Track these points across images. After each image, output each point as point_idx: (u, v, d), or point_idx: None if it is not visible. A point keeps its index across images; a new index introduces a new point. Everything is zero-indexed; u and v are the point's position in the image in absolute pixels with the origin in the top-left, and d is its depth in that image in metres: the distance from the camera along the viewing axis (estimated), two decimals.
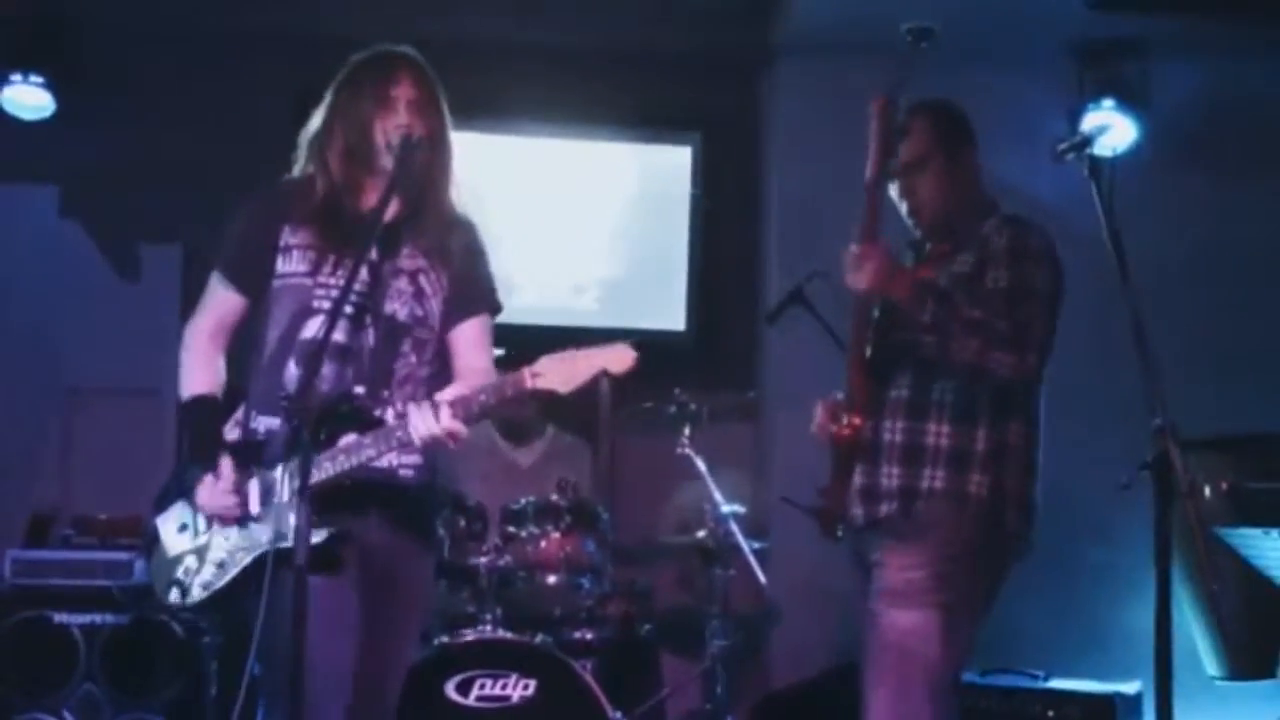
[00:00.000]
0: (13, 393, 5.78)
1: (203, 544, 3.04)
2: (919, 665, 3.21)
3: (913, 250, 3.57)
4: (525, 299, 5.82)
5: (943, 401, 3.31)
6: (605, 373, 2.82)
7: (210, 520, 3.03)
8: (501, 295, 3.28)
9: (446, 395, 2.90)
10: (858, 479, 3.35)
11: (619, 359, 2.83)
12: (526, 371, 2.82)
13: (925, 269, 3.42)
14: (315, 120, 3.19)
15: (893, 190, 3.48)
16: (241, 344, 3.22)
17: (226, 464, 2.99)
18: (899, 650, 3.22)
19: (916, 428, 3.31)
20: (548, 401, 2.89)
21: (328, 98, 3.18)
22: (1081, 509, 4.58)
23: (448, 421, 2.85)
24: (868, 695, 3.27)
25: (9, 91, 5.60)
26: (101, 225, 5.91)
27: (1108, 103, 5.59)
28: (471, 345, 3.19)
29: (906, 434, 3.32)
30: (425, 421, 2.85)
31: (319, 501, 2.79)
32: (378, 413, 3.02)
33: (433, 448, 2.92)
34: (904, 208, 3.49)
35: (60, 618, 4.88)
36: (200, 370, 3.15)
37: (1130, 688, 4.65)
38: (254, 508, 2.99)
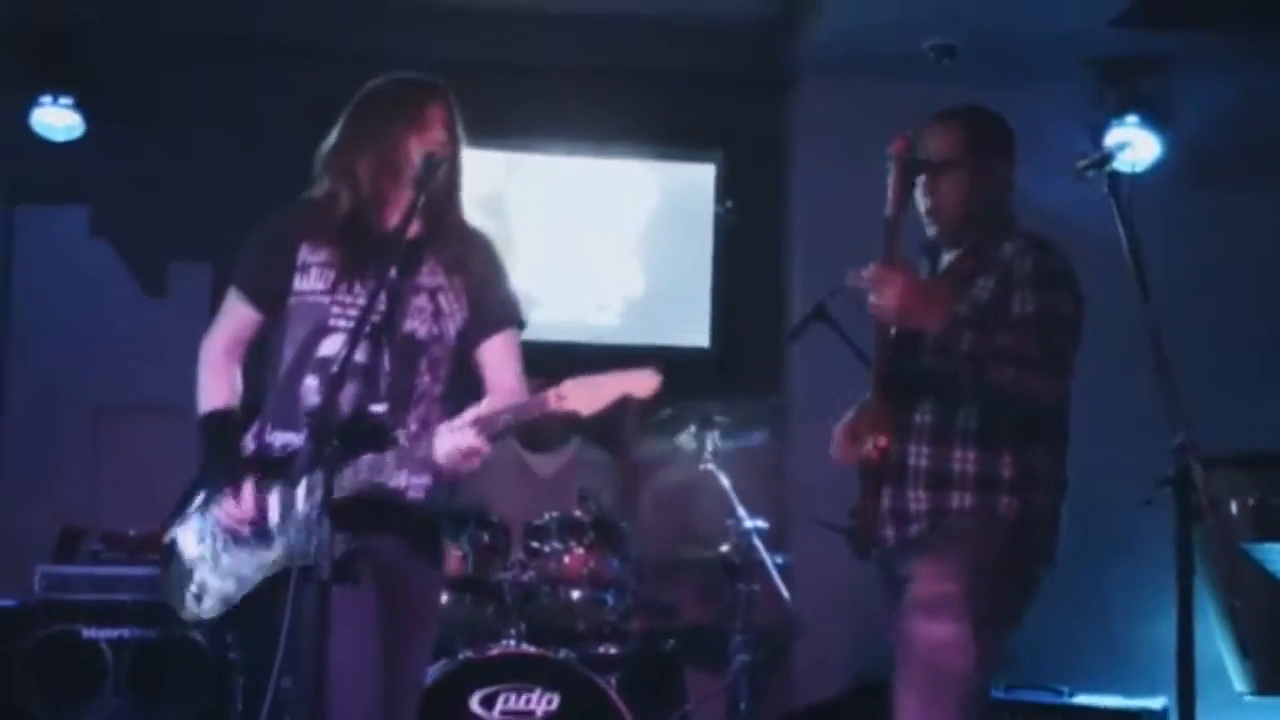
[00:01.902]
0: (43, 409, 5.84)
1: (220, 557, 3.06)
2: (951, 678, 3.18)
3: (927, 258, 3.57)
4: (549, 316, 5.85)
5: (967, 428, 3.28)
6: (629, 397, 2.83)
7: (228, 534, 3.05)
8: (524, 311, 3.30)
9: (468, 415, 2.89)
10: (886, 501, 3.33)
11: (642, 384, 2.82)
12: (551, 393, 2.81)
13: (944, 284, 3.41)
14: (333, 137, 3.20)
15: (916, 190, 3.47)
16: (256, 360, 3.24)
17: (248, 484, 3.00)
18: (930, 663, 3.20)
19: (941, 453, 3.29)
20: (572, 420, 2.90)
21: (349, 116, 3.20)
22: (1105, 524, 4.56)
23: (471, 440, 2.86)
24: (898, 709, 3.26)
25: (39, 113, 5.67)
26: (130, 244, 5.98)
27: (1131, 119, 5.60)
28: (498, 361, 3.21)
29: (932, 459, 3.30)
30: (449, 440, 2.87)
31: (335, 517, 2.80)
32: (396, 432, 3.03)
33: (455, 466, 2.92)
34: (924, 205, 3.46)
35: (89, 632, 4.91)
36: (217, 384, 3.17)
37: (1155, 703, 4.64)
38: (273, 522, 3.00)
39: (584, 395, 2.81)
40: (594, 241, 6.13)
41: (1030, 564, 3.33)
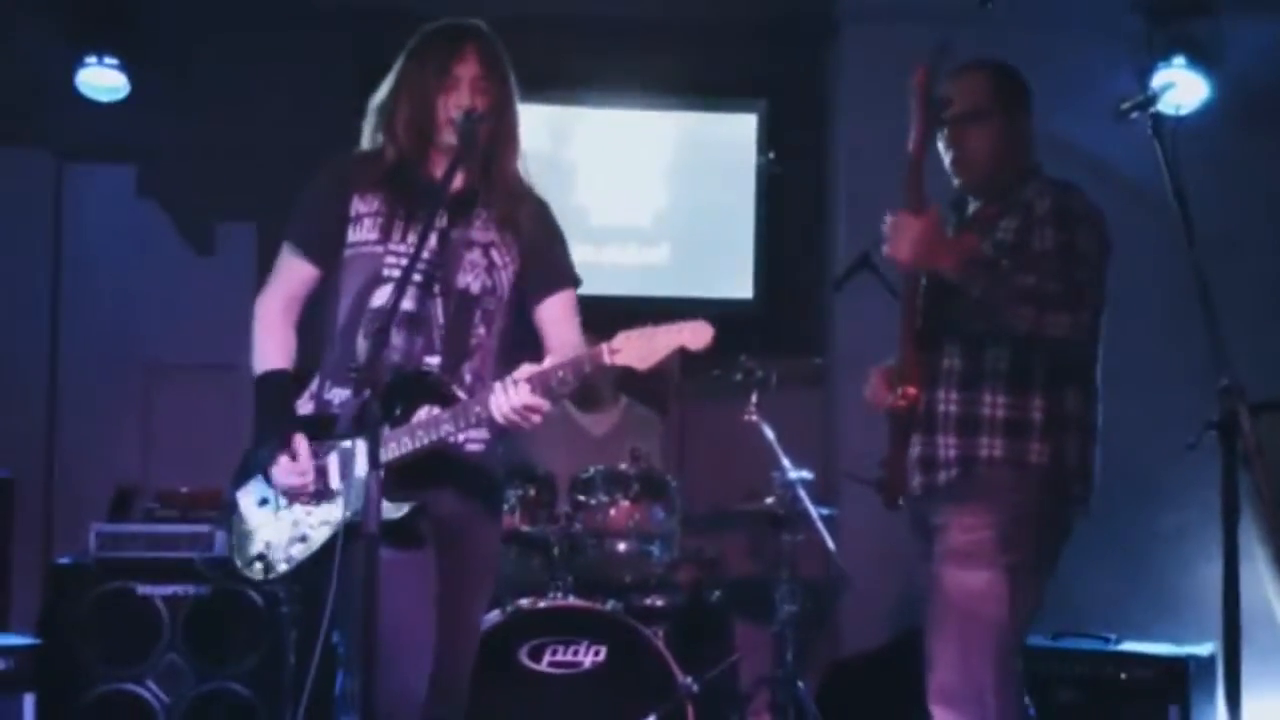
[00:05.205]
0: (94, 369, 5.91)
1: (284, 518, 3.07)
2: (984, 626, 3.19)
3: (955, 211, 3.55)
4: (593, 270, 5.84)
5: (996, 371, 3.28)
6: (684, 349, 2.82)
7: (288, 495, 3.05)
8: (577, 271, 3.32)
9: (524, 372, 2.89)
10: (915, 449, 3.34)
11: (697, 335, 2.81)
12: (605, 348, 2.81)
13: (970, 234, 3.40)
14: (383, 88, 3.22)
15: (940, 140, 3.45)
16: (313, 317, 3.25)
17: (301, 442, 3.01)
18: (964, 611, 3.21)
19: (971, 398, 3.28)
20: (621, 373, 2.89)
21: (396, 66, 3.21)
22: (1154, 471, 4.54)
23: (527, 398, 2.85)
24: (932, 657, 3.27)
25: (84, 74, 5.69)
26: (177, 203, 6.01)
27: (1178, 60, 5.50)
28: (559, 321, 3.23)
29: (961, 404, 3.29)
30: (505, 398, 2.87)
31: (396, 475, 2.85)
32: (454, 387, 3.06)
33: (512, 425, 2.91)
34: (949, 157, 3.45)
35: (144, 589, 4.98)
36: (272, 345, 3.17)
37: (1203, 650, 4.62)
38: (334, 481, 3.01)
39: (638, 349, 2.79)
40: (637, 192, 6.12)
41: (1063, 512, 3.32)
